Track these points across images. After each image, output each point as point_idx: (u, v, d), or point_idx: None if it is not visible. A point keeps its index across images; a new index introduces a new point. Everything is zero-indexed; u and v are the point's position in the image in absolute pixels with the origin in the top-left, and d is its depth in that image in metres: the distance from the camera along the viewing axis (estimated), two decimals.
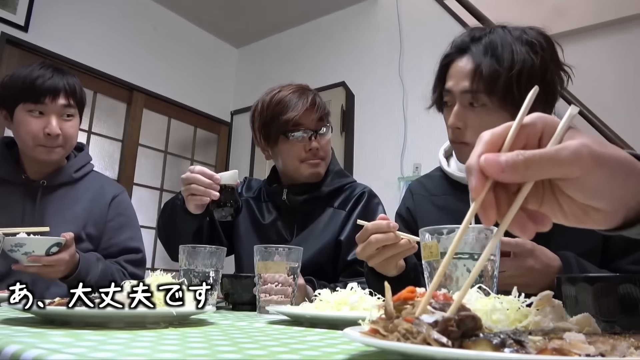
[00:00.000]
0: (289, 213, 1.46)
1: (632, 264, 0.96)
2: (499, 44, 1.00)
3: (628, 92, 3.47)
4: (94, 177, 1.58)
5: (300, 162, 1.43)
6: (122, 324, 0.64)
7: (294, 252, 0.96)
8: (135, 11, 3.87)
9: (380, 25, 3.78)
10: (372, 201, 1.46)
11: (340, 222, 1.42)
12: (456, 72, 1.05)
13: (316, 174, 1.44)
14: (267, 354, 0.48)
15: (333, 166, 1.51)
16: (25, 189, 1.44)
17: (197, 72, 4.30)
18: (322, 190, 1.45)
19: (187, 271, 0.98)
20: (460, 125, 1.03)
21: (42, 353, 0.41)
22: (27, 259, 1.14)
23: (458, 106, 1.04)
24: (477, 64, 1.00)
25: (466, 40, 1.06)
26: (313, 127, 1.41)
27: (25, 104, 1.38)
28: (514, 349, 0.34)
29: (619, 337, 0.39)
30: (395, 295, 0.42)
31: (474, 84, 1.00)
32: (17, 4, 3.14)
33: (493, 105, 0.99)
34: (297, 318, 0.80)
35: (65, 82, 1.40)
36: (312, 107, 1.41)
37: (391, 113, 3.52)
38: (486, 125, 1.01)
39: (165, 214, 1.41)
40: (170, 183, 4.12)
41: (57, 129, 1.38)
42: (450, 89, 1.05)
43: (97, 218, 1.50)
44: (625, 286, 0.55)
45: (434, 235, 0.70)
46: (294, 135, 1.40)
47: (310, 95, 1.42)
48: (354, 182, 1.53)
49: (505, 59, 0.97)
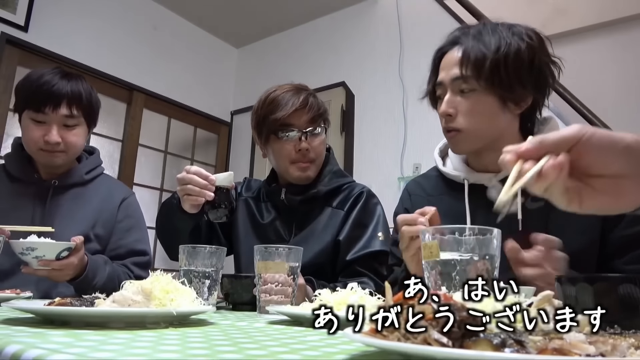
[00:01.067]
0: (288, 213, 1.46)
1: (628, 264, 0.96)
2: (488, 32, 1.03)
3: (628, 92, 3.47)
4: (104, 180, 1.60)
5: (290, 162, 1.42)
6: (122, 324, 0.64)
7: (294, 252, 0.96)
8: (135, 11, 3.87)
9: (380, 25, 3.78)
10: (370, 201, 1.45)
11: (339, 222, 1.41)
12: (447, 63, 1.07)
13: (304, 178, 1.43)
14: (267, 354, 0.48)
15: (331, 166, 1.51)
16: (36, 188, 1.46)
17: (197, 72, 4.29)
18: (319, 189, 1.44)
19: (187, 271, 0.98)
20: (452, 112, 1.05)
21: (42, 353, 0.41)
22: (37, 263, 1.15)
23: (449, 94, 1.06)
24: (465, 50, 1.03)
25: (457, 34, 1.09)
26: (304, 127, 1.40)
27: (29, 111, 1.40)
28: (514, 349, 0.34)
29: (619, 337, 0.39)
30: (395, 295, 0.42)
31: (462, 69, 1.02)
32: (17, 4, 3.14)
33: (481, 88, 1.02)
34: (297, 318, 0.80)
35: (69, 90, 1.39)
36: (304, 107, 1.39)
37: (391, 113, 3.52)
38: (476, 110, 1.04)
39: (162, 213, 1.42)
40: (170, 183, 4.12)
41: (56, 137, 1.39)
42: (441, 81, 1.08)
43: (106, 219, 1.51)
44: (625, 286, 0.55)
45: (434, 235, 0.70)
46: (284, 135, 1.40)
47: (302, 95, 1.41)
48: (353, 182, 1.52)
49: (492, 43, 1.00)
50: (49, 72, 1.41)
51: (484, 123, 1.04)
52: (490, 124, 1.05)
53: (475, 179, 1.10)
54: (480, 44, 1.02)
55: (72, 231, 1.35)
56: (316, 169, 1.46)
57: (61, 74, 1.42)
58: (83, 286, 1.29)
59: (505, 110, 1.04)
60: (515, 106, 1.05)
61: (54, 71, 1.42)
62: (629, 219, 0.97)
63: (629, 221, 0.97)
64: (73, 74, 1.47)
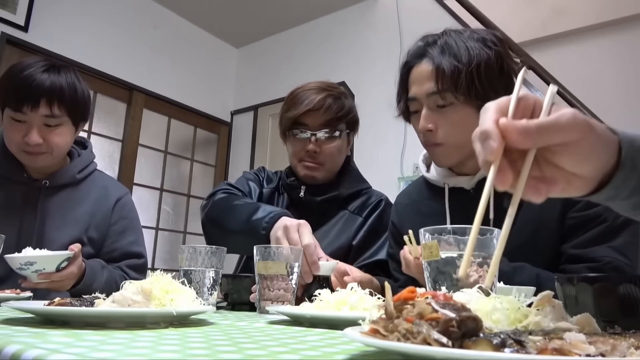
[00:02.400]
0: (304, 210, 1.42)
1: (575, 247, 0.97)
2: (454, 43, 1.04)
3: (628, 92, 3.47)
4: (97, 178, 1.51)
5: (298, 160, 1.42)
6: (122, 324, 0.64)
7: (294, 252, 0.96)
8: (135, 11, 3.87)
9: (380, 25, 3.78)
10: (387, 211, 1.43)
11: (356, 228, 1.41)
12: (418, 77, 1.08)
13: (309, 177, 1.42)
14: (267, 354, 0.48)
15: (352, 169, 1.51)
16: (26, 188, 1.38)
17: (197, 72, 4.30)
18: (341, 192, 1.43)
19: (187, 271, 0.98)
20: (432, 127, 1.06)
21: (42, 353, 0.41)
22: (37, 277, 1.11)
23: (425, 109, 1.07)
24: (437, 64, 1.03)
25: (421, 45, 1.10)
26: (316, 129, 1.39)
27: (8, 109, 1.29)
28: (514, 349, 0.34)
29: (619, 337, 0.39)
30: (395, 295, 0.42)
31: (438, 83, 1.03)
32: (17, 4, 3.14)
33: (459, 101, 1.03)
34: (297, 318, 0.80)
35: (49, 86, 1.27)
36: (319, 108, 1.37)
37: (391, 113, 3.51)
38: (456, 123, 1.05)
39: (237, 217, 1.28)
40: (170, 183, 4.12)
41: (36, 139, 1.28)
42: (415, 96, 1.08)
43: (100, 221, 1.45)
44: (625, 286, 0.55)
45: (434, 235, 0.70)
46: (294, 133, 1.41)
47: (322, 94, 1.38)
48: (371, 188, 1.52)
49: (462, 55, 1.01)
50: (32, 65, 1.29)
51: (465, 134, 1.04)
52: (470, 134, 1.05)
53: (454, 183, 1.14)
54: (451, 57, 1.02)
55: (64, 235, 1.32)
56: (326, 172, 1.43)
57: (44, 67, 1.29)
58: (81, 293, 1.26)
59: None
60: None
61: (37, 64, 1.30)
62: (585, 202, 0.97)
63: (584, 204, 0.97)
64: (57, 65, 1.33)
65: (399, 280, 1.23)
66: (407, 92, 1.11)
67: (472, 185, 1.11)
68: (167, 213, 4.07)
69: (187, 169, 4.31)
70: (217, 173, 4.47)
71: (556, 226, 1.00)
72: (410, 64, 1.11)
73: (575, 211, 0.99)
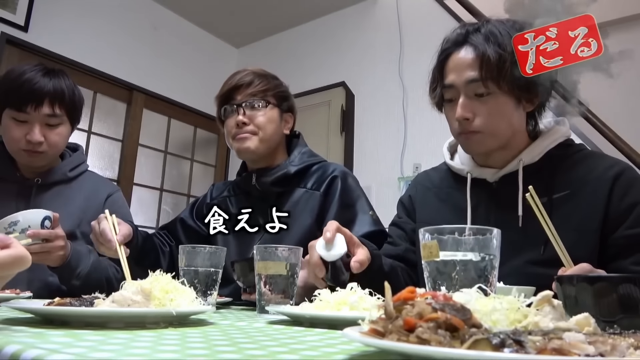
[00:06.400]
0: (262, 199, 1.43)
1: (635, 264, 0.96)
2: (498, 32, 1.03)
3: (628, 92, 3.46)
4: (88, 177, 1.57)
5: (232, 138, 1.43)
6: (122, 324, 0.64)
7: (294, 252, 0.96)
8: (135, 11, 3.87)
9: (380, 25, 3.78)
10: (348, 179, 1.42)
11: (319, 205, 1.38)
12: (457, 65, 1.06)
13: (244, 149, 1.41)
14: (267, 354, 0.48)
15: (301, 147, 1.50)
16: (19, 186, 1.43)
17: (197, 72, 4.29)
18: (289, 169, 1.42)
19: (187, 271, 0.98)
20: (469, 116, 1.04)
21: (42, 353, 0.41)
22: (26, 237, 1.12)
23: (463, 97, 1.05)
24: (482, 51, 1.02)
25: (462, 32, 1.08)
26: (241, 102, 1.43)
27: (10, 110, 1.36)
28: (513, 349, 0.34)
29: (619, 337, 0.39)
30: (395, 295, 0.42)
31: (482, 71, 1.01)
32: (17, 4, 3.14)
33: (501, 91, 1.02)
34: (297, 318, 0.80)
35: (52, 88, 1.35)
36: (242, 84, 1.45)
37: (391, 113, 3.52)
38: (493, 112, 1.04)
39: None
40: (170, 183, 4.12)
41: (39, 137, 1.35)
42: (452, 83, 1.07)
43: (92, 216, 1.45)
44: (625, 286, 0.55)
45: (433, 235, 0.70)
46: (225, 111, 1.46)
47: (244, 73, 1.49)
48: (325, 162, 1.49)
49: (507, 44, 0.99)
50: (31, 69, 1.36)
51: (503, 124, 1.05)
52: (508, 124, 1.06)
53: (478, 174, 1.12)
54: (495, 45, 1.01)
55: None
56: (260, 143, 1.41)
57: (43, 70, 1.38)
58: (66, 275, 1.27)
59: (519, 108, 1.06)
60: (527, 104, 1.06)
61: (35, 68, 1.38)
62: (634, 218, 0.97)
63: (634, 220, 0.97)
64: (55, 70, 1.42)
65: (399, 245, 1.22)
66: (442, 80, 1.09)
67: (495, 179, 1.10)
68: (167, 213, 4.07)
69: (187, 169, 4.31)
70: (217, 173, 4.47)
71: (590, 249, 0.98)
72: (448, 50, 1.09)
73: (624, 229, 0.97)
